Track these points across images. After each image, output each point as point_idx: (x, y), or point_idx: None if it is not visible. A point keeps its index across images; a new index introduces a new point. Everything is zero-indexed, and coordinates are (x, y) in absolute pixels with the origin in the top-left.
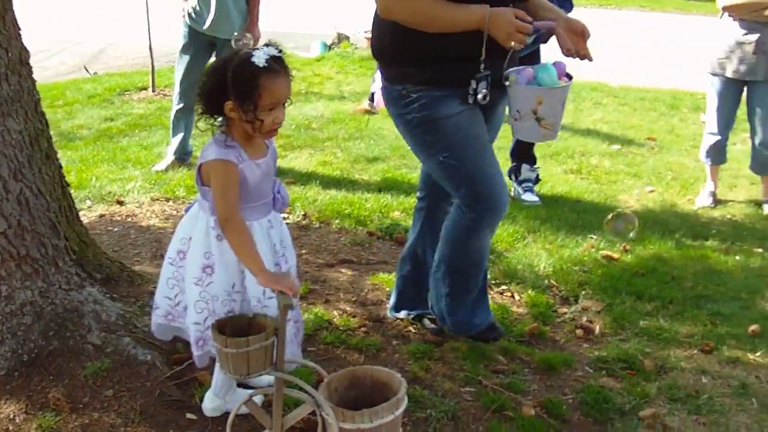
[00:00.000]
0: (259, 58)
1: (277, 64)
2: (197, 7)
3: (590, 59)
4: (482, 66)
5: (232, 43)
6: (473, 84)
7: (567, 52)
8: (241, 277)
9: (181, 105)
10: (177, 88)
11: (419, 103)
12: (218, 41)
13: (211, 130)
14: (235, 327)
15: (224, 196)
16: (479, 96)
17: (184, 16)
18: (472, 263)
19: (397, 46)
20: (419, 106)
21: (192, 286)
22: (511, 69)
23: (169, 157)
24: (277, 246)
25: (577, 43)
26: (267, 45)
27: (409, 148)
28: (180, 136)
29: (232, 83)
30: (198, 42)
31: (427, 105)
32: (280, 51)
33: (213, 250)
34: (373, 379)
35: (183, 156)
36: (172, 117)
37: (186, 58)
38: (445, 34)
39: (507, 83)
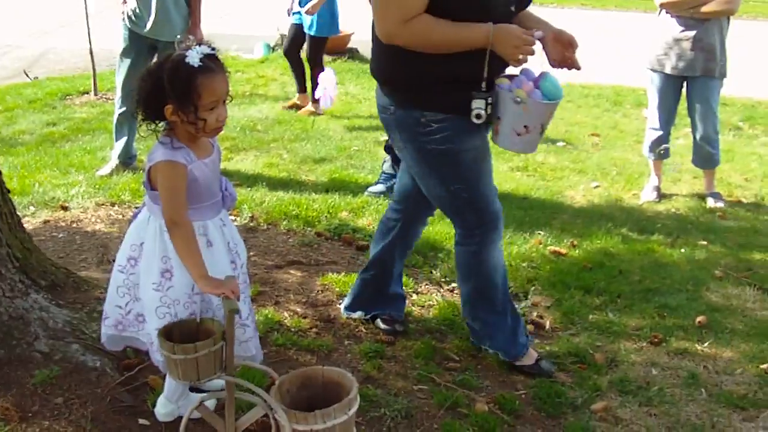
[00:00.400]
0: (193, 58)
1: (212, 62)
2: (137, 10)
3: (578, 68)
4: (484, 84)
5: (176, 45)
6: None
7: (554, 63)
8: None
9: (123, 109)
10: (119, 92)
11: (442, 134)
12: (160, 44)
13: (154, 134)
14: (183, 332)
15: (171, 198)
16: (473, 113)
17: (123, 19)
18: (492, 283)
19: (408, 71)
20: (442, 138)
21: (151, 292)
22: (500, 80)
23: (113, 161)
24: (230, 244)
25: (564, 53)
26: (199, 44)
27: (356, 149)
28: (123, 140)
29: (170, 87)
30: (139, 45)
31: (450, 137)
32: (214, 49)
33: (170, 254)
34: (325, 379)
35: (127, 160)
36: (114, 121)
37: (127, 61)
38: (460, 57)
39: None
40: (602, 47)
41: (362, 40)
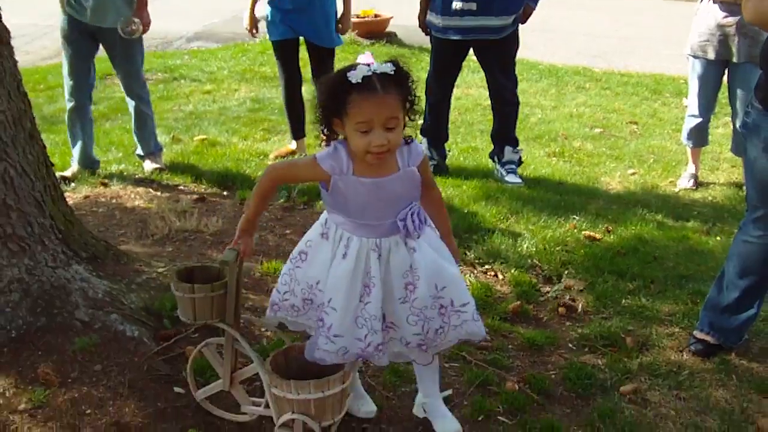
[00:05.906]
0: (357, 75)
1: (380, 82)
2: None
3: None
4: None
5: (119, 31)
6: None
7: None
8: (324, 276)
9: (72, 103)
10: (66, 86)
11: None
12: (102, 31)
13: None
14: (205, 276)
15: (286, 165)
16: None
17: (61, 3)
18: None
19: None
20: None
21: (288, 263)
22: None
23: (74, 166)
24: (401, 271)
25: None
26: (389, 61)
27: None
28: (79, 144)
29: (324, 99)
30: (80, 32)
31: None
32: (397, 67)
33: (313, 242)
34: None
35: (88, 164)
36: (67, 120)
37: (69, 51)
38: None
39: None
40: (643, 34)
41: (401, 25)
